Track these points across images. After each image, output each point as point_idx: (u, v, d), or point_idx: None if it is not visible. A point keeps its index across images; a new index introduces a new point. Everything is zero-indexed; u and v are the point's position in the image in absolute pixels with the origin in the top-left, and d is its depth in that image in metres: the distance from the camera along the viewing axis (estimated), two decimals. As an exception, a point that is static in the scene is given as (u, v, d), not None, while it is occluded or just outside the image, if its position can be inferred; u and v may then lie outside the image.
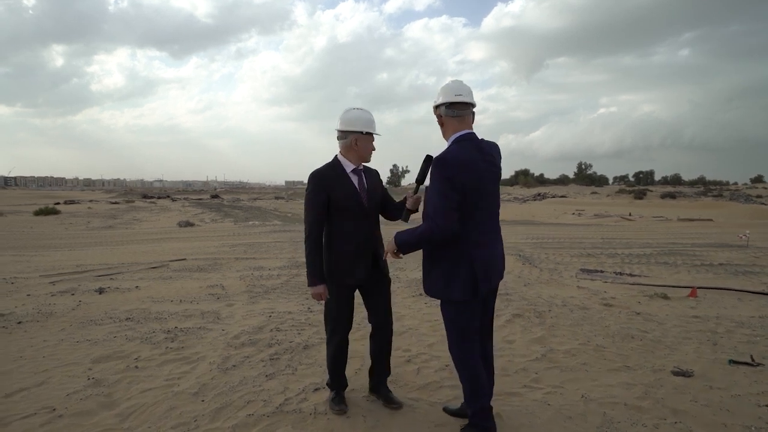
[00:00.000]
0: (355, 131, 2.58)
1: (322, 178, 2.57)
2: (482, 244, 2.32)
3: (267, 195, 55.41)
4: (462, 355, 2.38)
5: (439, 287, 2.34)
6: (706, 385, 3.10)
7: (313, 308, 5.08)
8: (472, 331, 2.37)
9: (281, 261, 8.54)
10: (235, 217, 21.12)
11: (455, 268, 2.28)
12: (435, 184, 2.20)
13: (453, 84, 2.38)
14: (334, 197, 2.55)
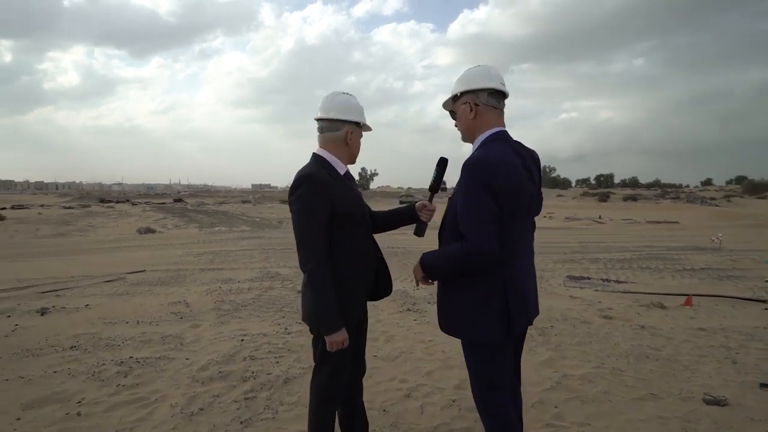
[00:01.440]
0: (351, 121, 1.99)
1: (324, 182, 1.88)
2: (519, 268, 1.84)
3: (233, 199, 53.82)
4: (491, 406, 1.89)
5: (462, 324, 1.84)
6: (746, 416, 2.76)
7: (290, 329, 4.53)
8: (503, 377, 1.90)
9: (251, 272, 7.89)
10: (200, 222, 20.06)
11: (485, 299, 1.78)
12: (469, 192, 1.71)
13: (493, 69, 1.89)
14: (339, 208, 1.89)
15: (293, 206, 1.89)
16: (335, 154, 2.01)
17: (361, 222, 2.02)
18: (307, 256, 1.85)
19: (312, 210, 1.84)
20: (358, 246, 2.00)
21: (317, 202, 1.85)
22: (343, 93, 2.04)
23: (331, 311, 1.84)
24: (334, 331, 1.85)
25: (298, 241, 1.87)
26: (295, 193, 1.88)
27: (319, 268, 1.83)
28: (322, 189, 1.86)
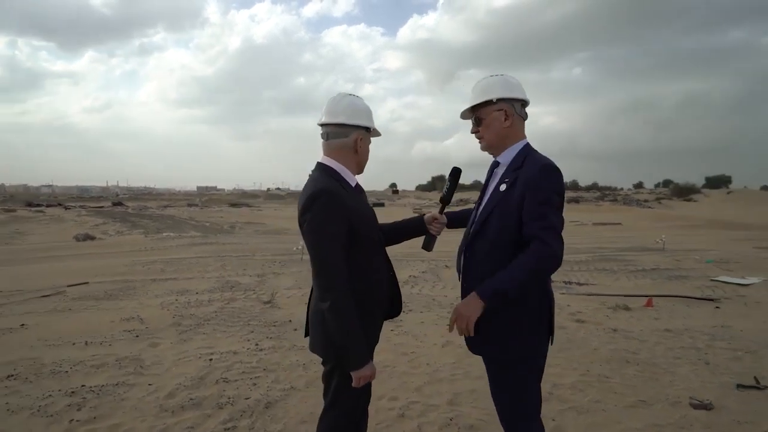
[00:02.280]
0: (361, 126, 1.77)
1: (342, 197, 1.66)
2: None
3: (178, 202, 51.27)
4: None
5: (510, 341, 1.68)
6: (733, 419, 2.83)
7: (262, 345, 4.23)
8: (540, 401, 1.79)
9: (209, 281, 7.42)
10: (145, 228, 18.83)
11: (538, 311, 1.70)
12: (549, 197, 1.60)
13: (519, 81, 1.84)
14: (356, 225, 1.68)
15: (309, 225, 1.64)
16: (344, 163, 1.79)
17: (375, 238, 1.83)
18: (329, 282, 1.62)
19: (332, 229, 1.62)
20: (373, 264, 1.80)
21: (336, 219, 1.63)
22: (349, 94, 1.82)
23: (360, 343, 1.63)
24: (363, 364, 1.64)
25: (318, 266, 1.63)
26: (310, 210, 1.63)
27: (343, 296, 1.61)
28: (340, 205, 1.64)
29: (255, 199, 56.67)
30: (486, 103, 1.78)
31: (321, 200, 1.62)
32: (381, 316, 1.86)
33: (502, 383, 1.77)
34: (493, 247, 1.70)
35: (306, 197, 1.66)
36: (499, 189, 1.74)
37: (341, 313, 1.60)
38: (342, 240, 1.64)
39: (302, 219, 1.68)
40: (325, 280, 1.62)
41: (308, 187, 1.71)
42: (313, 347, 1.80)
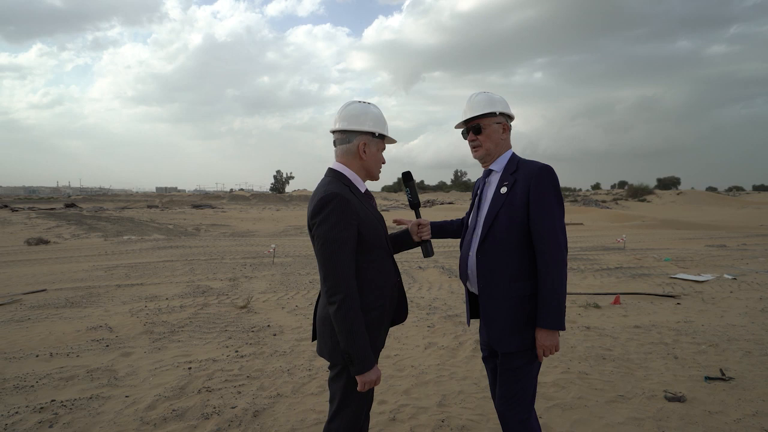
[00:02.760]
0: (363, 132, 1.79)
1: (352, 203, 1.68)
2: None
3: (137, 203, 49.24)
4: (531, 422, 1.89)
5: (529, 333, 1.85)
6: (704, 410, 2.99)
7: (242, 351, 4.13)
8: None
9: (178, 286, 7.17)
10: (104, 230, 17.96)
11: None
12: (554, 198, 1.80)
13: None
14: (364, 231, 1.71)
15: (319, 229, 1.66)
16: (352, 168, 1.82)
17: (384, 245, 1.84)
18: (336, 286, 1.63)
19: (341, 234, 1.64)
20: (381, 271, 1.81)
21: (346, 225, 1.65)
22: (358, 101, 1.84)
23: (365, 348, 1.65)
24: (368, 369, 1.65)
25: (326, 270, 1.65)
26: (320, 214, 1.66)
27: (350, 300, 1.63)
28: (350, 210, 1.66)
29: (218, 201, 55.17)
30: (487, 114, 1.93)
31: (331, 204, 1.64)
32: (388, 321, 1.87)
33: (513, 374, 1.85)
34: (505, 246, 1.82)
35: (316, 201, 1.68)
36: (500, 192, 1.88)
37: (348, 316, 1.62)
38: (351, 244, 1.66)
39: (311, 222, 1.70)
40: (333, 283, 1.63)
41: (318, 191, 1.73)
42: (321, 351, 1.80)
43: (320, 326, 1.80)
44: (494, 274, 1.84)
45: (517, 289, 1.81)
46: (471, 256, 1.94)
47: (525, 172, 1.84)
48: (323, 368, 3.75)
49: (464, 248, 2.02)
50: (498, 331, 1.85)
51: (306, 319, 5.23)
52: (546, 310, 1.76)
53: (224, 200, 56.97)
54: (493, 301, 1.85)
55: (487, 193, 1.97)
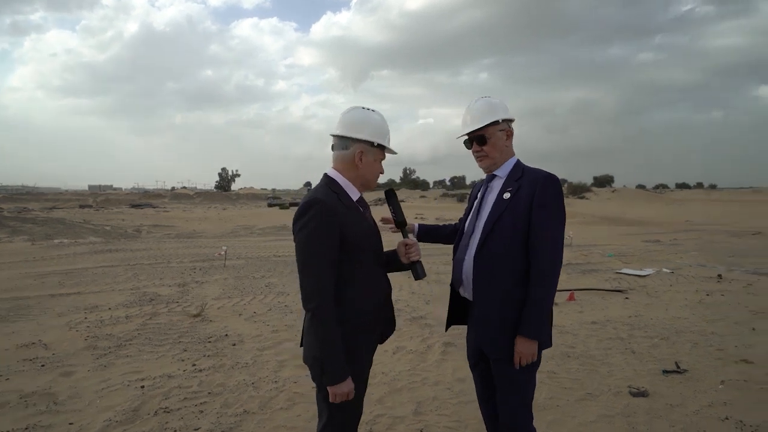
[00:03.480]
0: (362, 140, 1.72)
1: (335, 210, 1.63)
2: None
3: (68, 203, 45.73)
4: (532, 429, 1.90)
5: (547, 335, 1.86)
6: (667, 404, 3.13)
7: (200, 365, 3.86)
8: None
9: (122, 295, 6.65)
10: (31, 233, 16.42)
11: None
12: (559, 209, 1.79)
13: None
14: (351, 238, 1.65)
15: (299, 235, 1.63)
16: (347, 176, 1.75)
17: (373, 254, 1.78)
18: (312, 293, 1.59)
19: (320, 240, 1.60)
20: (372, 280, 1.75)
21: (326, 231, 1.60)
22: (362, 108, 1.77)
23: (337, 357, 1.59)
24: (339, 381, 1.59)
25: (303, 276, 1.62)
26: (301, 220, 1.62)
27: (324, 307, 1.58)
28: (332, 217, 1.61)
29: (160, 200, 52.43)
30: (491, 123, 1.88)
31: (312, 210, 1.60)
32: (377, 335, 1.81)
33: (512, 385, 1.83)
34: (505, 252, 1.78)
35: (298, 208, 1.65)
36: (502, 197, 1.84)
37: (320, 324, 1.58)
38: (330, 252, 1.61)
39: (293, 229, 1.65)
40: (308, 289, 1.59)
41: (306, 196, 1.68)
42: (305, 358, 1.73)
43: (305, 335, 1.72)
44: (491, 279, 1.80)
45: (514, 295, 1.78)
46: (467, 260, 1.89)
47: (530, 179, 1.82)
48: (291, 380, 3.58)
49: (459, 252, 1.97)
50: (493, 337, 1.83)
51: (266, 326, 5.00)
52: (529, 318, 1.75)
53: (166, 199, 54.20)
54: (488, 307, 1.82)
55: (489, 197, 1.94)
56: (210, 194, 66.35)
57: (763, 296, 6.37)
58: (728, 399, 3.18)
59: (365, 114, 1.76)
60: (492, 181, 1.96)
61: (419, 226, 2.24)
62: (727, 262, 9.45)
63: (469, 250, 1.89)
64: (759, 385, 3.40)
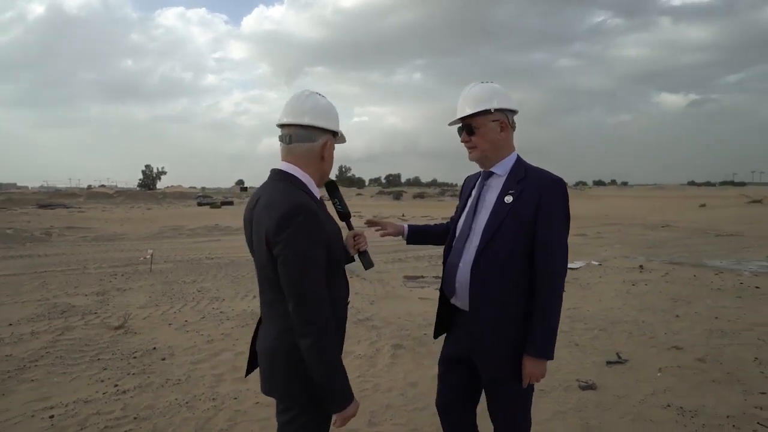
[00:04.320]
0: (329, 130, 1.51)
1: (319, 217, 1.40)
2: None
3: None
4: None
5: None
6: (614, 395, 3.20)
7: (123, 385, 3.42)
8: None
9: (28, 307, 5.83)
10: None
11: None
12: (564, 214, 1.66)
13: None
14: (332, 248, 1.44)
15: (287, 248, 1.33)
16: (308, 172, 1.50)
17: (343, 259, 1.59)
18: (312, 315, 1.34)
19: (313, 254, 1.36)
20: (341, 292, 1.55)
21: (317, 242, 1.37)
22: (316, 93, 1.52)
23: (345, 380, 1.42)
24: (348, 402, 1.41)
25: (299, 296, 1.34)
26: (287, 229, 1.32)
27: (328, 330, 1.36)
28: (319, 225, 1.38)
29: (74, 199, 47.85)
30: (481, 112, 1.71)
31: (299, 219, 1.33)
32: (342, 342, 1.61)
33: (512, 406, 1.75)
34: (507, 261, 1.64)
35: (280, 215, 1.33)
36: (503, 201, 1.68)
37: (327, 349, 1.36)
38: (323, 265, 1.40)
39: (276, 240, 1.34)
40: (308, 312, 1.34)
41: (278, 201, 1.37)
42: (269, 390, 1.48)
43: (269, 360, 1.47)
44: (491, 289, 1.65)
45: (515, 309, 1.64)
46: (462, 267, 1.72)
47: (535, 181, 1.66)
48: (230, 395, 3.26)
49: (452, 257, 1.79)
50: (491, 354, 1.68)
51: (200, 336, 4.58)
52: (537, 335, 1.61)
53: (81, 198, 49.71)
54: (486, 321, 1.66)
55: (487, 198, 1.75)
56: (133, 193, 61.65)
57: (679, 284, 6.91)
58: (667, 386, 3.32)
59: (327, 101, 1.53)
60: (490, 179, 1.78)
61: (408, 227, 2.06)
62: (646, 253, 10.22)
63: (465, 256, 1.72)
64: (691, 371, 3.59)
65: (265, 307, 1.48)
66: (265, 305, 1.47)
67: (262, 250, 1.38)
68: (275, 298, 1.40)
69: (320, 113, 1.48)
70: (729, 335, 4.43)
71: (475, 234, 1.72)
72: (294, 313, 1.35)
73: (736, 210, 28.60)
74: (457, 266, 1.74)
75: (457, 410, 1.95)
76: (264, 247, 1.36)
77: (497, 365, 1.68)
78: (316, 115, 1.47)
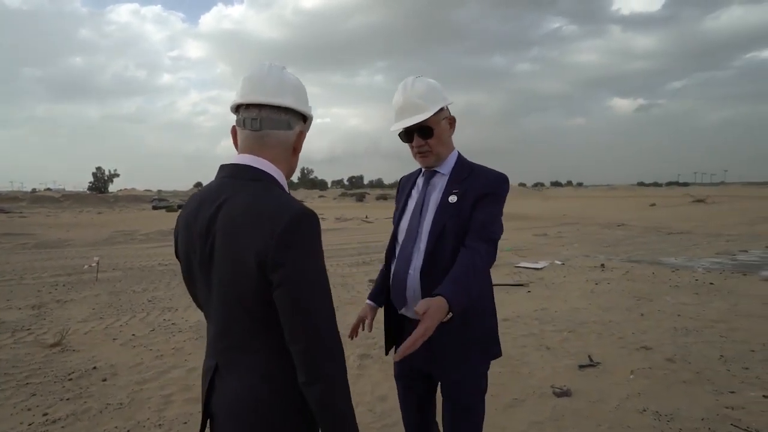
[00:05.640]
0: (307, 115, 1.20)
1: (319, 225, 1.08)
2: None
3: None
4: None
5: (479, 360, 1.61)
6: (589, 401, 3.10)
7: (54, 414, 3.02)
8: None
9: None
10: None
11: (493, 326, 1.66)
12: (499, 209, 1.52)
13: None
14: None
15: (298, 271, 1.00)
16: (280, 167, 1.15)
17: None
18: (328, 353, 1.01)
19: (323, 272, 1.04)
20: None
21: (322, 256, 1.06)
22: (283, 67, 1.18)
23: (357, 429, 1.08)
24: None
25: (314, 331, 1.00)
26: (296, 247, 0.99)
27: (344, 373, 1.04)
28: (320, 235, 1.06)
29: (15, 203, 44.73)
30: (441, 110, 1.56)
31: (308, 233, 1.02)
32: None
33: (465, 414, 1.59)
34: (454, 240, 1.49)
35: (283, 228, 0.99)
36: (448, 200, 1.54)
37: (345, 396, 1.03)
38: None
39: (279, 260, 0.98)
40: (328, 351, 1.02)
41: (273, 209, 1.02)
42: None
43: (237, 422, 1.09)
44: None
45: (466, 310, 1.43)
46: (412, 276, 1.53)
47: (479, 180, 1.54)
48: (179, 420, 2.93)
49: (398, 266, 1.59)
50: (445, 358, 1.55)
51: (148, 352, 4.18)
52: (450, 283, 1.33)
53: (24, 203, 46.61)
54: (443, 326, 1.44)
55: (431, 198, 1.60)
56: (81, 197, 58.29)
57: (640, 282, 7.04)
58: (641, 389, 3.26)
59: (298, 79, 1.20)
60: (433, 178, 1.64)
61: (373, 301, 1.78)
62: (605, 252, 10.45)
63: (413, 263, 1.55)
64: (662, 371, 3.56)
65: (229, 352, 1.10)
66: (231, 350, 1.09)
67: (240, 275, 1.03)
68: (252, 338, 1.07)
69: (300, 94, 1.18)
70: (693, 333, 4.47)
71: (420, 240, 1.57)
72: (305, 353, 1.02)
73: (684, 209, 30.21)
74: (407, 273, 1.56)
75: (425, 425, 1.80)
76: (248, 271, 1.01)
77: (455, 366, 1.56)
78: (297, 95, 1.16)
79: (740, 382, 3.34)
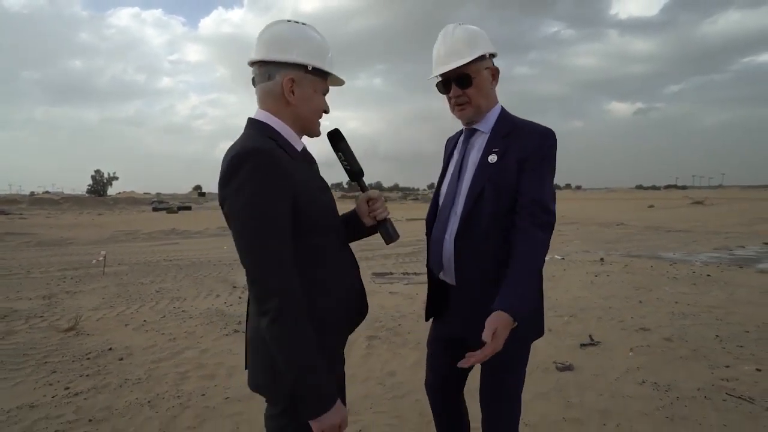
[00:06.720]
0: (290, 63, 1.20)
1: (281, 163, 1.13)
2: None
3: None
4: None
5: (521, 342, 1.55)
6: (591, 375, 3.22)
7: (75, 387, 3.13)
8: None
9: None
10: None
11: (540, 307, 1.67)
12: (551, 166, 1.45)
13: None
14: (305, 204, 1.16)
15: (234, 204, 1.10)
16: (281, 118, 1.23)
17: (334, 225, 1.30)
18: (270, 284, 1.07)
19: (270, 208, 1.08)
20: (338, 262, 1.28)
21: (276, 194, 1.09)
22: (287, 21, 1.26)
23: (320, 378, 1.10)
24: (325, 409, 1.10)
25: (250, 260, 1.09)
26: (233, 180, 1.09)
27: (290, 306, 1.07)
28: (280, 172, 1.11)
29: (14, 205, 44.76)
30: (477, 57, 1.44)
31: (249, 164, 1.08)
32: (347, 330, 1.33)
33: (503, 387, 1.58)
34: (491, 227, 1.43)
35: (227, 162, 1.11)
36: (487, 161, 1.46)
37: (290, 331, 1.07)
38: (283, 219, 1.10)
39: (223, 193, 1.12)
40: (262, 283, 1.08)
41: (232, 148, 1.15)
42: (255, 384, 1.22)
43: (252, 347, 1.21)
44: (478, 260, 1.46)
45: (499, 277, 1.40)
46: (448, 239, 1.51)
47: (522, 136, 1.46)
48: (196, 392, 3.05)
49: (437, 230, 1.58)
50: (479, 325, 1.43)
51: (160, 336, 4.29)
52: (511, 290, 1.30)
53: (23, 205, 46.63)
54: (477, 293, 1.46)
55: (470, 158, 1.53)
56: (81, 199, 58.36)
57: (639, 274, 7.16)
58: (640, 364, 3.38)
59: (295, 28, 1.24)
60: (473, 137, 1.55)
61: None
62: (605, 248, 10.58)
63: (450, 228, 1.52)
64: (660, 349, 3.68)
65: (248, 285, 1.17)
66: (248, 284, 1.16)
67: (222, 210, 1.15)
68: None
69: (276, 43, 1.21)
70: (690, 317, 4.59)
71: (458, 203, 1.51)
72: (249, 285, 1.10)
73: (682, 210, 30.38)
74: (443, 240, 1.53)
75: (446, 391, 1.79)
76: (220, 206, 1.14)
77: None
78: (269, 46, 1.21)
79: (735, 358, 3.47)
